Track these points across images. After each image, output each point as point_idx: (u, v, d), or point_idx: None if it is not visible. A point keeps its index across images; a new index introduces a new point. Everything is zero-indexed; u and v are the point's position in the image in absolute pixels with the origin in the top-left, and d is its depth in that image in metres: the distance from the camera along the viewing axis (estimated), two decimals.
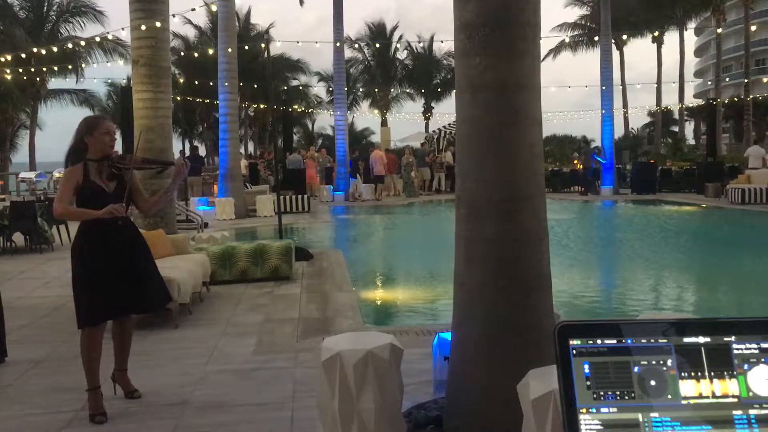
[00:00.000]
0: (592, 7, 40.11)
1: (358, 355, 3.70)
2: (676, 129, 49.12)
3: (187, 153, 29.77)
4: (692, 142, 45.55)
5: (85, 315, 4.07)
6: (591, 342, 1.02)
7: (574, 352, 1.02)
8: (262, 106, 40.77)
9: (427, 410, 4.14)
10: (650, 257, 11.41)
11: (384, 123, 42.99)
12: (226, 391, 4.65)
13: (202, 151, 41.10)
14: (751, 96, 34.38)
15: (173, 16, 12.56)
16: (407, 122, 45.58)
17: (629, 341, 1.03)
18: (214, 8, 16.86)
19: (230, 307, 7.27)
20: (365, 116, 48.26)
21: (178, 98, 33.98)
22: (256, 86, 35.88)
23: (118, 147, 4.56)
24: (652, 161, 27.12)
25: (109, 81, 38.53)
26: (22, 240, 12.02)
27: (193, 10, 20.33)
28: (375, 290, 9.58)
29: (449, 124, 31.18)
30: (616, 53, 36.82)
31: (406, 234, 15.71)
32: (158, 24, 9.01)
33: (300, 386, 4.68)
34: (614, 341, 1.03)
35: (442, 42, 44.11)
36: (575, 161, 31.57)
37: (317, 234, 15.24)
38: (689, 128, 49.11)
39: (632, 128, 52.36)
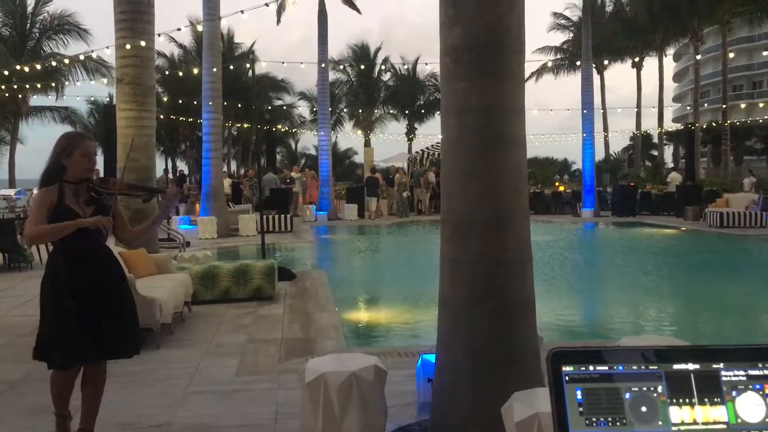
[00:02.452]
0: (573, 31, 40.71)
1: (342, 376, 3.69)
2: (655, 153, 49.76)
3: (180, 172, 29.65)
4: (671, 165, 46.15)
5: (43, 351, 3.68)
6: (583, 368, 1.04)
7: (567, 378, 1.04)
8: (245, 126, 40.75)
9: None
10: (633, 280, 11.49)
11: (367, 143, 43.12)
12: (208, 412, 4.60)
13: (185, 170, 40.89)
14: (729, 121, 34.98)
15: (159, 35, 12.56)
16: (390, 143, 45.76)
17: (620, 368, 1.04)
18: (200, 28, 16.85)
19: (212, 328, 7.21)
20: (349, 136, 48.42)
21: (161, 116, 33.88)
22: (240, 105, 35.88)
23: (100, 165, 4.25)
24: (632, 184, 27.41)
25: (92, 99, 38.38)
26: (1, 258, 11.86)
27: (179, 30, 20.34)
28: (358, 311, 9.55)
29: (432, 145, 31.36)
30: (596, 77, 37.35)
31: (390, 254, 15.71)
32: (143, 43, 9.02)
33: (283, 408, 4.64)
34: (606, 368, 1.04)
35: (426, 64, 44.33)
36: (557, 183, 31.88)
37: (300, 254, 15.20)
38: (668, 152, 49.80)
39: (613, 151, 53.02)
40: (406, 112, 45.00)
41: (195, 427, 4.34)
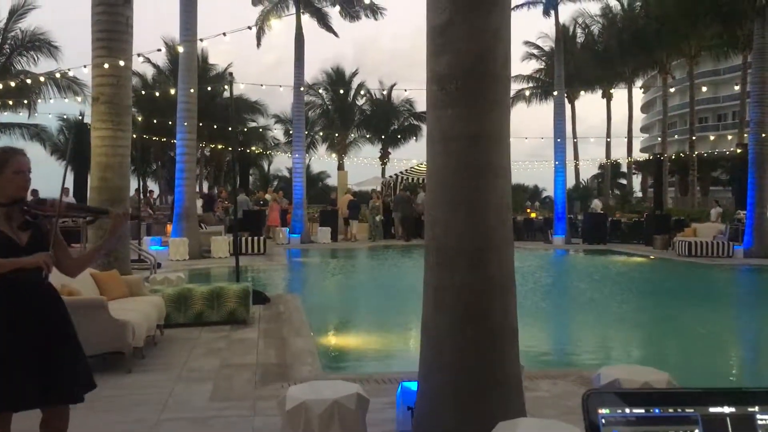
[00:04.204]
0: (545, 61, 41.39)
1: (324, 404, 3.63)
2: (624, 181, 50.57)
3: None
4: (639, 194, 46.92)
5: None
6: (620, 411, 1.02)
7: (603, 421, 1.02)
8: (219, 147, 40.50)
9: None
10: (604, 307, 11.59)
11: (341, 167, 43.10)
12: None
13: (156, 190, 40.48)
14: (696, 152, 35.79)
15: (139, 55, 12.47)
16: (364, 166, 45.90)
17: (657, 411, 1.03)
18: (181, 49, 16.78)
19: (185, 352, 7.07)
20: (322, 159, 48.36)
21: (134, 135, 33.45)
22: (215, 126, 35.67)
23: (69, 185, 3.80)
24: (602, 212, 27.77)
25: (65, 116, 37.82)
26: None
27: (159, 50, 20.27)
28: (333, 336, 9.47)
29: (406, 170, 31.51)
30: (567, 106, 37.96)
31: (364, 278, 15.65)
32: (122, 63, 8.93)
33: None
34: (642, 410, 1.03)
35: (406, 90, 44.65)
36: (528, 210, 32.18)
37: (273, 277, 15.05)
38: (636, 181, 50.68)
39: (582, 179, 53.72)
40: (382, 136, 45.17)
41: None
